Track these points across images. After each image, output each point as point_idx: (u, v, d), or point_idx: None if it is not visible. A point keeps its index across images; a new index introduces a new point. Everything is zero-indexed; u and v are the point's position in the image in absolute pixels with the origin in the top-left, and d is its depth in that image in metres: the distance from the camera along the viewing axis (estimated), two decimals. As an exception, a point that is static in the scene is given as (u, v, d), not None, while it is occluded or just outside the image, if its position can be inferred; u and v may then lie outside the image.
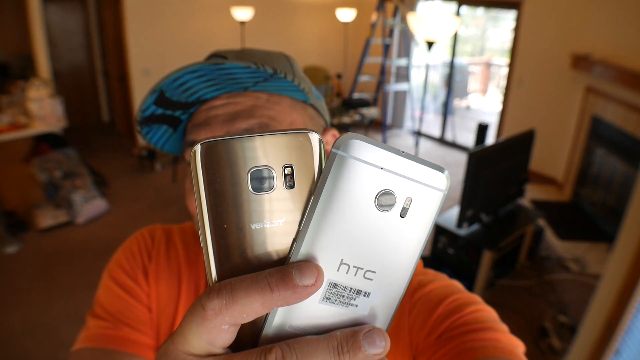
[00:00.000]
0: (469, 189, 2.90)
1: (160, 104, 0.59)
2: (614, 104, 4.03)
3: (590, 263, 3.61)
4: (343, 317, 0.27)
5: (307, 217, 0.26)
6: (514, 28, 5.38)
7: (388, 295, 0.27)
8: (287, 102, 0.62)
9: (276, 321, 0.26)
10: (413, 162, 0.26)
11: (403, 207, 0.26)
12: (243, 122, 0.57)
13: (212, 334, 0.25)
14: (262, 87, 0.60)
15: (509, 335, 0.53)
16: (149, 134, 0.65)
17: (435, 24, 3.24)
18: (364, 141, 0.25)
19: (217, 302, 0.24)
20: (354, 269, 0.26)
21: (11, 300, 3.06)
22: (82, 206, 4.05)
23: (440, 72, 8.77)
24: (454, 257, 3.26)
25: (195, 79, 0.56)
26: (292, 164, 0.26)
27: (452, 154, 6.48)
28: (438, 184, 0.26)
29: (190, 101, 0.60)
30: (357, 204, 0.25)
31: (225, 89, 0.59)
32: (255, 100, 0.59)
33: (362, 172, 0.25)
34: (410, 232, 0.27)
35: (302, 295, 0.25)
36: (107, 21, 6.16)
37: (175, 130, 0.66)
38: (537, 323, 2.94)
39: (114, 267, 0.74)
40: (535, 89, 5.25)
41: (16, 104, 4.02)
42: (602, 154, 4.31)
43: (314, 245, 0.25)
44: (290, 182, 0.26)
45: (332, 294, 0.26)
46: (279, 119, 0.60)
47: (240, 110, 0.58)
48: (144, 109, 0.58)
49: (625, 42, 4.01)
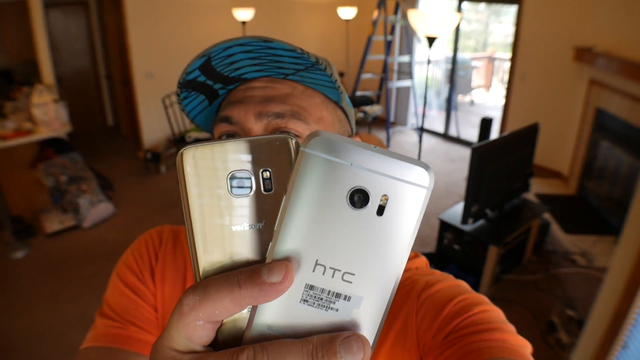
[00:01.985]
0: (473, 184, 2.89)
1: (204, 71, 0.60)
2: (618, 96, 4.01)
3: (597, 256, 3.60)
4: (323, 321, 0.26)
5: (279, 217, 0.26)
6: (516, 22, 5.35)
7: (372, 300, 0.26)
8: (320, 98, 0.64)
9: (257, 322, 0.26)
10: (387, 158, 0.25)
11: (379, 205, 0.25)
12: (276, 106, 0.59)
13: (189, 329, 0.25)
14: (300, 76, 0.61)
15: (516, 336, 0.52)
16: (186, 100, 0.65)
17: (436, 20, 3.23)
18: (332, 138, 0.25)
19: (191, 298, 0.25)
20: (330, 271, 0.26)
21: (20, 305, 3.09)
22: (88, 210, 4.07)
23: (443, 67, 8.74)
24: (459, 253, 3.25)
25: (242, 54, 0.57)
26: (270, 168, 0.27)
27: (457, 149, 6.46)
28: (419, 180, 0.25)
29: (232, 77, 0.61)
30: (328, 203, 0.25)
31: (267, 72, 0.61)
32: (291, 89, 0.61)
33: (331, 170, 0.24)
34: (392, 232, 0.25)
35: (269, 292, 0.25)
36: (109, 25, 6.19)
37: (210, 103, 0.67)
38: (544, 317, 2.93)
39: (122, 267, 0.75)
40: (539, 82, 5.23)
41: (21, 110, 4.05)
42: (607, 147, 4.29)
43: (288, 246, 0.25)
44: (268, 185, 0.27)
45: (310, 296, 0.26)
46: (309, 110, 0.61)
47: (276, 95, 0.60)
48: (189, 71, 0.59)
49: (628, 34, 3.98)
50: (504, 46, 9.84)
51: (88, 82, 6.97)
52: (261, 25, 6.21)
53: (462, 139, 6.71)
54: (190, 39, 5.78)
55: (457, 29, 6.25)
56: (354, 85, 6.78)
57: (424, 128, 7.06)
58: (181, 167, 0.26)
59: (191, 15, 5.75)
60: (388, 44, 6.35)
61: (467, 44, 10.53)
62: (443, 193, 4.94)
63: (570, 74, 4.85)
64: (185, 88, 0.63)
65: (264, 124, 0.59)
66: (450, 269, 3.24)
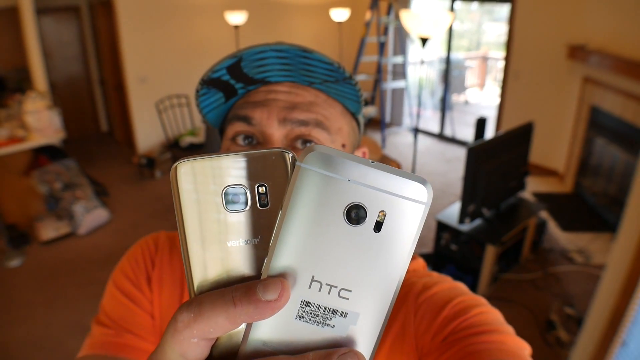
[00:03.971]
0: (469, 184, 2.89)
1: (231, 71, 0.59)
2: (612, 93, 4.02)
3: (595, 254, 3.60)
4: (319, 338, 0.26)
5: (275, 233, 0.25)
6: (509, 21, 5.37)
7: (369, 317, 0.26)
8: (339, 108, 0.64)
9: (253, 338, 0.26)
10: (386, 173, 0.24)
11: (377, 221, 0.25)
12: (301, 113, 0.59)
13: (183, 346, 0.25)
14: (326, 86, 0.61)
15: (515, 337, 0.53)
16: (203, 96, 0.64)
17: (429, 20, 3.23)
18: (329, 152, 0.24)
19: (186, 315, 0.25)
20: (326, 287, 0.25)
21: (16, 313, 3.06)
22: (83, 217, 4.05)
23: (437, 68, 8.76)
24: (457, 253, 3.25)
25: (275, 58, 0.57)
26: (266, 183, 0.26)
27: (452, 149, 6.47)
28: (417, 196, 0.25)
29: (256, 78, 0.61)
30: (324, 218, 0.24)
31: (292, 78, 0.61)
32: (314, 97, 0.61)
33: (328, 185, 0.24)
34: (389, 249, 0.25)
35: (265, 310, 0.24)
36: (102, 30, 6.17)
37: (227, 101, 0.65)
38: (543, 316, 2.93)
39: (118, 274, 0.75)
40: (533, 81, 5.24)
41: (14, 117, 4.02)
42: (602, 144, 4.30)
43: (283, 262, 0.25)
44: (264, 200, 0.26)
45: (306, 313, 0.26)
46: (331, 120, 0.61)
47: (300, 102, 0.60)
48: (216, 69, 0.58)
49: (621, 31, 4.00)
50: (498, 45, 9.88)
51: (81, 87, 6.95)
52: (254, 29, 6.21)
53: (458, 139, 6.73)
54: (183, 44, 5.77)
55: (450, 28, 6.26)
56: (348, 87, 6.78)
57: (419, 128, 7.08)
58: (175, 181, 0.26)
59: (184, 20, 5.74)
60: (381, 45, 6.36)
61: (461, 43, 10.55)
62: (439, 193, 4.94)
63: (564, 72, 4.87)
64: (206, 85, 0.62)
65: (287, 130, 0.58)
66: (448, 269, 3.24)
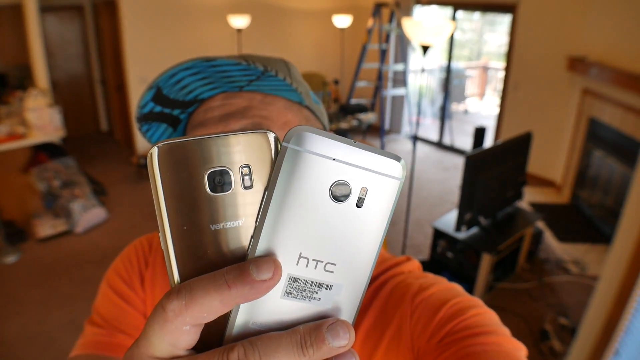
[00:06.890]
0: (467, 192, 2.90)
1: (158, 101, 0.59)
2: (611, 105, 4.04)
3: (590, 265, 3.61)
4: (307, 312, 0.27)
5: (262, 212, 0.26)
6: (510, 31, 5.40)
7: (351, 287, 0.27)
8: (282, 102, 0.62)
9: (240, 319, 0.26)
10: (366, 152, 0.25)
11: (359, 197, 0.26)
12: (236, 122, 0.58)
13: (175, 335, 0.24)
14: (256, 86, 0.60)
15: (511, 339, 0.52)
16: (149, 132, 0.65)
17: (430, 29, 3.25)
18: (315, 133, 0.25)
19: (176, 303, 0.24)
20: (313, 262, 0.26)
21: (10, 309, 3.05)
22: (80, 215, 4.04)
23: (437, 76, 8.79)
24: (453, 260, 3.25)
25: (190, 77, 0.57)
26: (250, 164, 0.26)
27: (450, 157, 6.48)
28: (393, 172, 0.26)
29: (188, 100, 0.61)
30: (311, 197, 0.25)
31: (222, 88, 0.60)
32: (249, 101, 0.60)
33: (314, 164, 0.25)
34: (369, 222, 0.26)
35: (260, 290, 0.24)
36: (105, 30, 6.19)
37: (175, 129, 0.66)
38: (537, 326, 2.93)
39: (111, 274, 0.75)
40: (532, 91, 5.27)
41: (14, 114, 4.02)
42: (600, 156, 4.32)
43: (271, 241, 0.25)
44: (248, 182, 0.26)
45: (294, 289, 0.26)
46: (272, 118, 0.60)
47: (234, 111, 0.59)
48: (142, 105, 0.59)
49: (621, 44, 4.03)
50: (498, 55, 9.92)
51: (82, 86, 6.96)
52: (256, 33, 6.24)
53: (456, 147, 6.74)
54: (185, 45, 5.79)
55: (451, 38, 6.30)
56: (348, 93, 6.81)
57: (418, 136, 7.10)
58: (152, 164, 0.25)
59: (187, 21, 5.76)
60: (383, 52, 6.38)
61: (462, 53, 10.60)
62: (437, 201, 4.94)
63: (563, 84, 4.89)
64: (144, 121, 0.62)
65: None
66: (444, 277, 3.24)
